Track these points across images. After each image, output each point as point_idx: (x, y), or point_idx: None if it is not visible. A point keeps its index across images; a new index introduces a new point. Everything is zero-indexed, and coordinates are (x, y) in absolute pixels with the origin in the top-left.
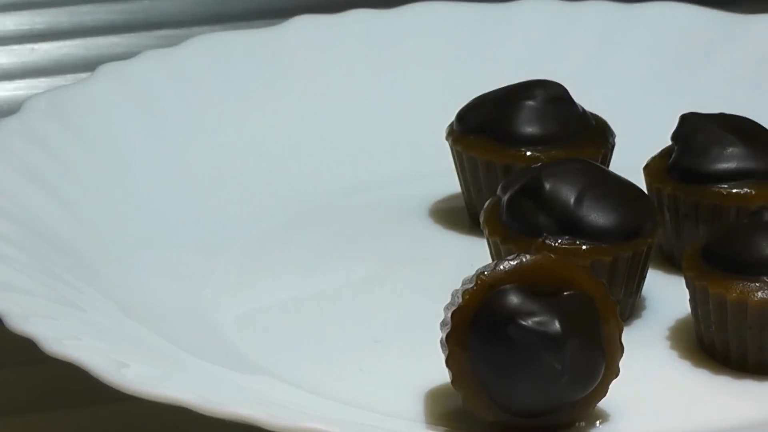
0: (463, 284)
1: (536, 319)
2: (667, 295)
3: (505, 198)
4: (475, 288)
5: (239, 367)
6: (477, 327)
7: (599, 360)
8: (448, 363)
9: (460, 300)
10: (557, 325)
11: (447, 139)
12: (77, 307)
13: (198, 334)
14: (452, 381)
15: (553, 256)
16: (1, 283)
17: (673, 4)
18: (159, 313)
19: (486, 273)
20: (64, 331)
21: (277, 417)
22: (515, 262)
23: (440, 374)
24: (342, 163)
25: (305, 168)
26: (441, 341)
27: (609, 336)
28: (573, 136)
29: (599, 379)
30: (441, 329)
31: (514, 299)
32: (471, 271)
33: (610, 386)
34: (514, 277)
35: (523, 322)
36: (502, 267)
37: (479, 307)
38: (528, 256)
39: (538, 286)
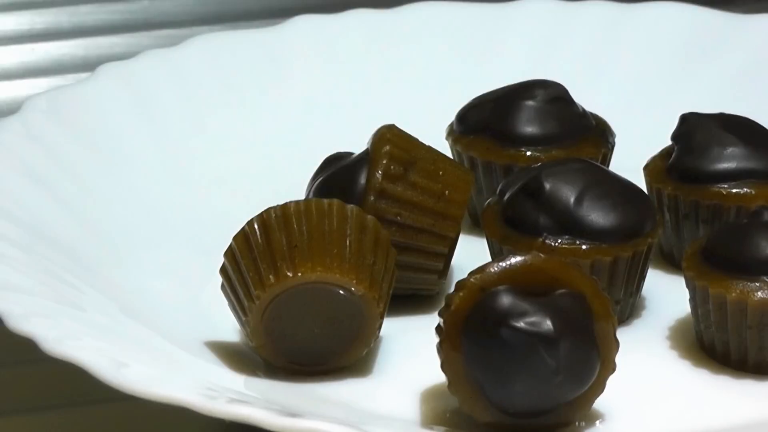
0: (455, 288)
1: (528, 319)
2: (667, 295)
3: (505, 198)
4: (465, 292)
5: (239, 368)
6: (470, 330)
7: (594, 357)
8: (443, 368)
9: (452, 305)
10: (550, 324)
11: (447, 139)
12: (77, 307)
13: (198, 334)
14: (449, 385)
15: (542, 255)
16: (1, 283)
17: (673, 4)
18: (159, 313)
19: (476, 276)
20: (64, 331)
21: (276, 417)
22: (505, 263)
23: (440, 374)
24: None
25: (305, 167)
26: (436, 346)
27: (603, 332)
28: (573, 136)
29: (595, 376)
30: (436, 334)
31: (505, 301)
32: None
33: (610, 387)
34: (505, 279)
35: (516, 323)
36: (492, 269)
37: (471, 310)
38: (518, 257)
39: (529, 286)
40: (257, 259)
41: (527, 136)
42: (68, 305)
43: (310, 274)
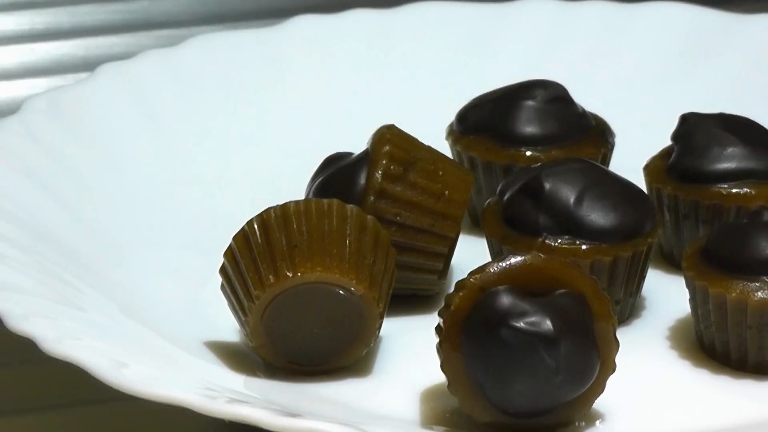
0: (455, 288)
1: (528, 319)
2: (667, 295)
3: (505, 198)
4: (465, 292)
5: (239, 368)
6: (470, 330)
7: (594, 357)
8: (443, 368)
9: (452, 305)
10: (549, 324)
11: (447, 139)
12: (77, 307)
13: (198, 334)
14: (449, 385)
15: (542, 255)
16: (1, 283)
17: (673, 4)
18: (159, 313)
19: (476, 276)
20: (64, 331)
21: (276, 417)
22: (505, 263)
23: (440, 374)
24: None
25: (305, 168)
26: (436, 346)
27: (603, 332)
28: (573, 136)
29: (595, 376)
30: (436, 334)
31: (505, 301)
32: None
33: (610, 386)
34: (505, 279)
35: (515, 323)
36: (492, 269)
37: (471, 310)
38: (518, 257)
39: (529, 286)
40: (257, 259)
41: (527, 136)
42: (68, 305)
43: (310, 274)
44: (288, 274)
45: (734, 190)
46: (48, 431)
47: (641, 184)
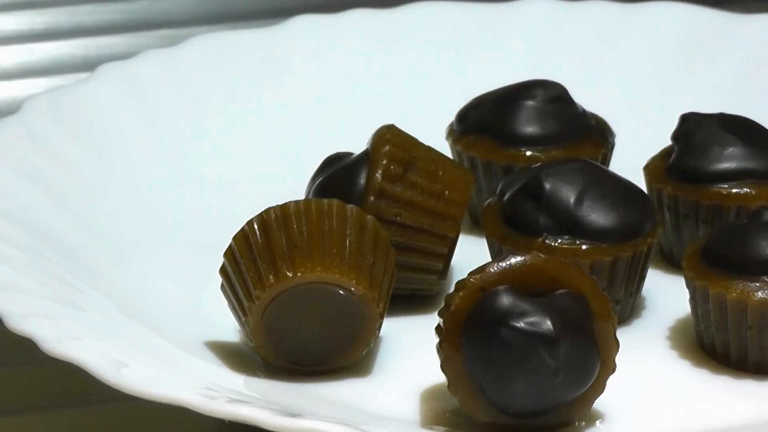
0: (455, 288)
1: (528, 319)
2: (667, 295)
3: (505, 198)
4: (465, 292)
5: (239, 368)
6: (470, 330)
7: (594, 357)
8: (443, 368)
9: (452, 305)
10: (549, 324)
11: (447, 139)
12: (77, 307)
13: (198, 334)
14: (449, 385)
15: (542, 255)
16: (1, 283)
17: (673, 4)
18: (159, 313)
19: (476, 276)
20: (64, 331)
21: (276, 417)
22: (505, 263)
23: (440, 374)
24: None
25: (305, 167)
26: (436, 346)
27: (603, 332)
28: (573, 136)
29: (595, 376)
30: (436, 334)
31: (505, 301)
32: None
33: (610, 386)
34: (505, 279)
35: (515, 323)
36: (492, 269)
37: (471, 310)
38: (518, 257)
39: (529, 286)
40: (257, 259)
41: (527, 136)
42: (68, 305)
43: (310, 274)
44: (288, 274)
45: (734, 190)
46: (48, 431)
47: (641, 184)
